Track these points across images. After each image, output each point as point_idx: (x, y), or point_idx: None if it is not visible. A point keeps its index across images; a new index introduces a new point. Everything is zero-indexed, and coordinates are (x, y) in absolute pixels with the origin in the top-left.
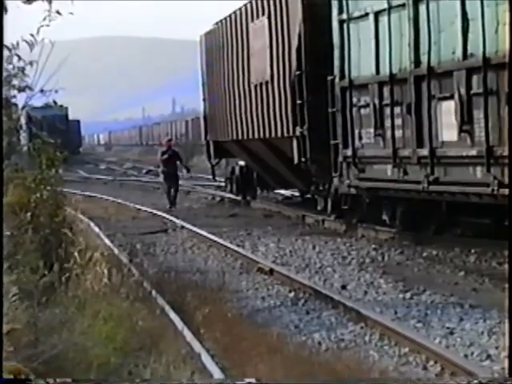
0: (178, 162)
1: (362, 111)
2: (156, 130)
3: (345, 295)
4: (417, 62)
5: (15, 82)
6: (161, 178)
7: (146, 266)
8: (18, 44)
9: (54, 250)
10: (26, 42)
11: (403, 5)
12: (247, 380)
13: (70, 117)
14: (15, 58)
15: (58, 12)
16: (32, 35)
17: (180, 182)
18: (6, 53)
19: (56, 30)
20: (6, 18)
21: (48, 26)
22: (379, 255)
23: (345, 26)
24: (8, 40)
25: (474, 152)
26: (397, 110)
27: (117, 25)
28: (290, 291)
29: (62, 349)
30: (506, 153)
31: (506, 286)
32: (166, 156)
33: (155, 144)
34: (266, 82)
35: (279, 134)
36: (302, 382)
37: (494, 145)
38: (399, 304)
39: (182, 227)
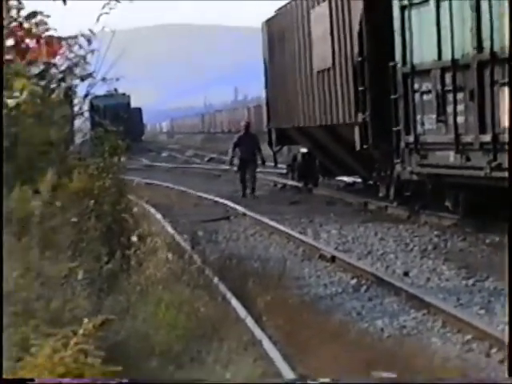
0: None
1: (424, 97)
2: (218, 117)
3: (407, 282)
4: (479, 48)
5: (77, 70)
6: (235, 166)
7: (207, 253)
8: (77, 36)
9: (117, 238)
10: (83, 35)
11: None
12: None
13: (132, 105)
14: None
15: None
16: (90, 30)
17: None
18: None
19: (117, 18)
20: (67, 7)
21: (107, 13)
22: (442, 242)
23: (406, 11)
24: (68, 30)
25: None
26: (459, 95)
27: (179, 12)
28: (352, 278)
29: (124, 336)
30: None
31: None
32: (242, 141)
33: (217, 132)
34: (328, 69)
35: (341, 120)
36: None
37: None
38: (462, 291)
39: (244, 214)
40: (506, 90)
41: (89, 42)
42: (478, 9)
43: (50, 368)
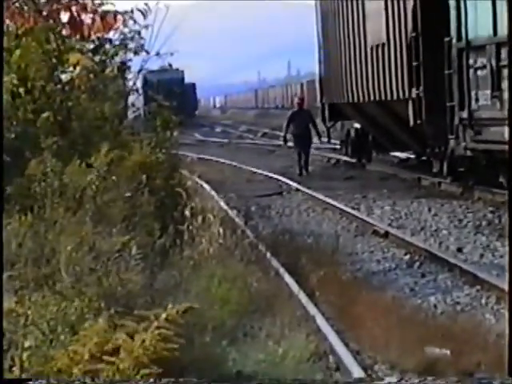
0: (310, 125)
1: (479, 73)
2: (272, 92)
3: (460, 258)
4: None
5: (131, 45)
6: (291, 142)
7: (260, 229)
8: (132, 11)
9: (170, 213)
10: (140, 10)
11: None
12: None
13: (186, 80)
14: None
15: None
16: (146, 4)
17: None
18: (120, 17)
19: None
20: None
21: None
22: (496, 218)
23: None
24: (123, 5)
25: None
26: None
27: None
28: (405, 254)
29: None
30: None
31: None
32: (296, 116)
33: (271, 107)
34: (382, 44)
35: (395, 96)
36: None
37: None
38: None
39: (297, 190)
40: None
41: (144, 15)
42: None
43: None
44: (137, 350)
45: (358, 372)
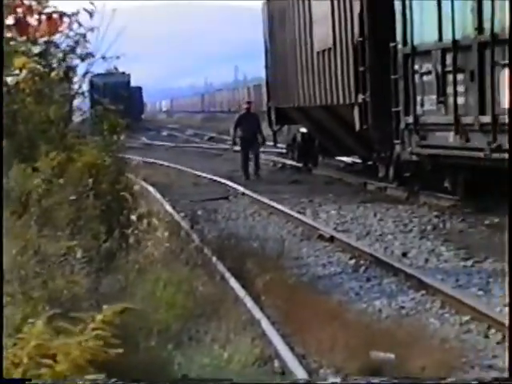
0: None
1: (425, 78)
2: (218, 96)
3: (405, 263)
4: (480, 29)
5: (77, 49)
6: (237, 146)
7: (206, 233)
8: (78, 12)
9: (116, 217)
10: (87, 10)
11: None
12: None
13: (133, 83)
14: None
15: None
16: (92, 3)
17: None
18: (66, 18)
19: None
20: None
21: None
22: (441, 223)
23: None
24: (68, 7)
25: None
26: (459, 76)
27: None
28: (350, 258)
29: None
30: None
31: None
32: (244, 120)
33: (217, 111)
34: (329, 49)
35: (341, 100)
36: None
37: None
38: (460, 272)
39: (243, 194)
40: (507, 71)
41: (90, 16)
42: None
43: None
44: (73, 352)
45: (302, 376)
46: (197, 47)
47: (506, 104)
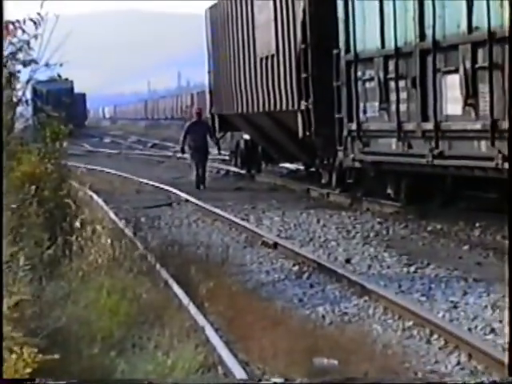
0: (207, 136)
1: (367, 85)
2: (162, 103)
3: (349, 269)
4: (422, 36)
5: (20, 55)
6: (187, 154)
7: (149, 240)
8: (24, 21)
9: (59, 224)
10: (32, 20)
11: None
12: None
13: (76, 90)
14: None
15: None
16: (38, 14)
17: (185, 155)
18: (11, 27)
19: (63, 4)
20: None
21: None
22: (384, 229)
23: None
24: (13, 14)
25: (478, 126)
26: (401, 83)
27: None
28: (294, 265)
29: (66, 322)
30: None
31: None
32: (194, 128)
33: (161, 118)
34: (272, 56)
35: (284, 107)
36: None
37: (499, 118)
38: (403, 278)
39: (187, 201)
40: (449, 78)
41: (35, 25)
42: None
43: None
44: None
45: None
46: (139, 54)
47: (448, 110)
